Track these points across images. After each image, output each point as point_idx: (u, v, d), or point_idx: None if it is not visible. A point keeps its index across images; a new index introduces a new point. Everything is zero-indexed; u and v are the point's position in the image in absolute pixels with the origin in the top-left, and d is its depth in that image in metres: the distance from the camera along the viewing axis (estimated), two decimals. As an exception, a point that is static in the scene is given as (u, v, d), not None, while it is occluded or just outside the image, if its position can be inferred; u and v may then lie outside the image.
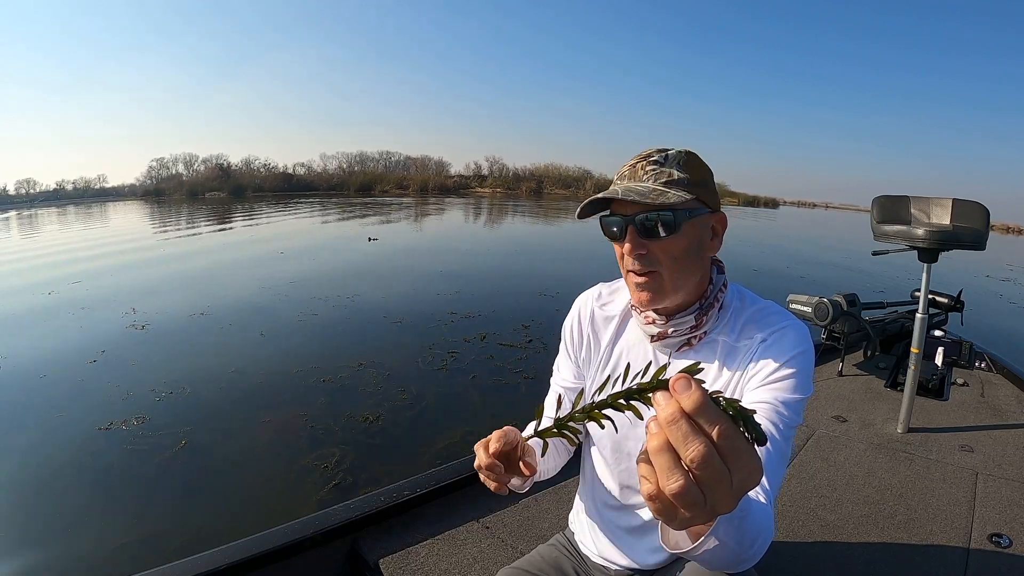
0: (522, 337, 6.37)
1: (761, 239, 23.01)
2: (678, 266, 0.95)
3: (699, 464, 0.42)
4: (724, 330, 1.01)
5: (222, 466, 3.67)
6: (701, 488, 0.43)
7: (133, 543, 2.90)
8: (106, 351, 5.85)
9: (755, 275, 11.66)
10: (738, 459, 0.43)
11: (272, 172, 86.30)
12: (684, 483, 0.43)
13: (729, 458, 0.43)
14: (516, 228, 25.44)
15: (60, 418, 4.31)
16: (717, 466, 0.43)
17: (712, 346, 1.01)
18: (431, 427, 4.11)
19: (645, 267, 0.95)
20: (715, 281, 1.02)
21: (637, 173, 0.95)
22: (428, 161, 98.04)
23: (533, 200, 62.38)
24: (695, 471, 0.43)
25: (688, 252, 0.95)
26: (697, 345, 1.02)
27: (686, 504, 0.44)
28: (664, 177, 0.93)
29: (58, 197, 79.98)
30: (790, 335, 0.96)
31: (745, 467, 0.44)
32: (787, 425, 0.89)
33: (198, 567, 1.44)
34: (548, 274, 10.75)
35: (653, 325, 1.02)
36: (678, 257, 0.94)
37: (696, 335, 1.01)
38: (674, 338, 1.02)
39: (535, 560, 1.24)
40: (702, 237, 0.96)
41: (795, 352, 0.94)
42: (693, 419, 0.43)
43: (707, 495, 0.43)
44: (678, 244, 0.94)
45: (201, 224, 26.31)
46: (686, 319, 1.00)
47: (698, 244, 0.96)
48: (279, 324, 6.97)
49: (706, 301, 1.00)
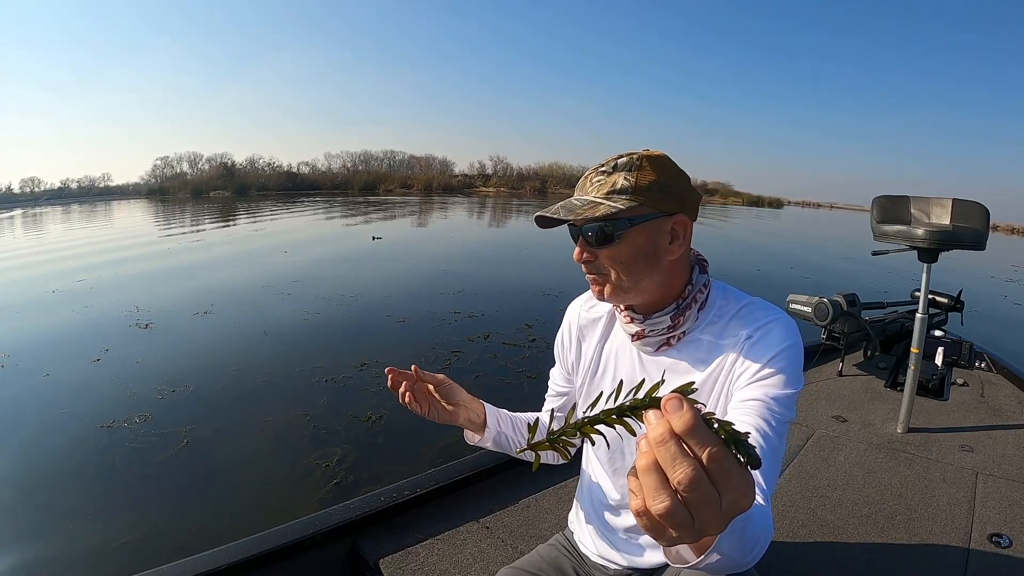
0: (525, 336, 6.36)
1: (770, 236, 22.97)
2: (628, 271, 0.97)
3: (686, 486, 0.42)
4: (708, 329, 1.02)
5: (224, 465, 3.67)
6: (689, 509, 0.43)
7: (135, 541, 2.90)
8: (110, 349, 5.86)
9: (760, 275, 11.64)
10: (728, 482, 0.43)
11: (276, 171, 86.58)
12: (670, 504, 0.43)
13: (719, 481, 0.43)
14: (519, 227, 25.41)
15: (63, 416, 4.32)
16: (705, 488, 0.42)
17: (695, 344, 1.02)
18: (433, 427, 4.02)
19: (592, 272, 1.00)
20: (695, 281, 1.03)
21: (585, 185, 0.99)
22: (432, 160, 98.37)
23: (537, 199, 62.36)
24: (682, 493, 0.42)
25: (636, 257, 0.96)
26: (677, 344, 1.04)
27: (673, 524, 0.43)
28: (607, 187, 0.95)
29: (63, 196, 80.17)
30: (776, 330, 0.96)
31: (735, 490, 0.43)
32: (779, 421, 0.89)
33: (198, 567, 1.44)
34: (551, 273, 10.73)
35: (632, 324, 1.05)
36: (625, 262, 0.96)
37: (675, 335, 1.02)
38: (652, 337, 1.03)
39: (535, 560, 1.25)
40: (655, 241, 0.96)
41: (783, 346, 0.94)
42: (683, 440, 0.43)
43: (695, 516, 0.43)
44: (622, 251, 0.95)
45: (205, 223, 26.36)
46: (662, 319, 1.01)
47: (650, 248, 0.96)
48: (282, 323, 6.98)
49: (684, 301, 1.01)
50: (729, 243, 19.48)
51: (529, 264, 12.42)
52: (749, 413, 0.89)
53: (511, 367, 5.26)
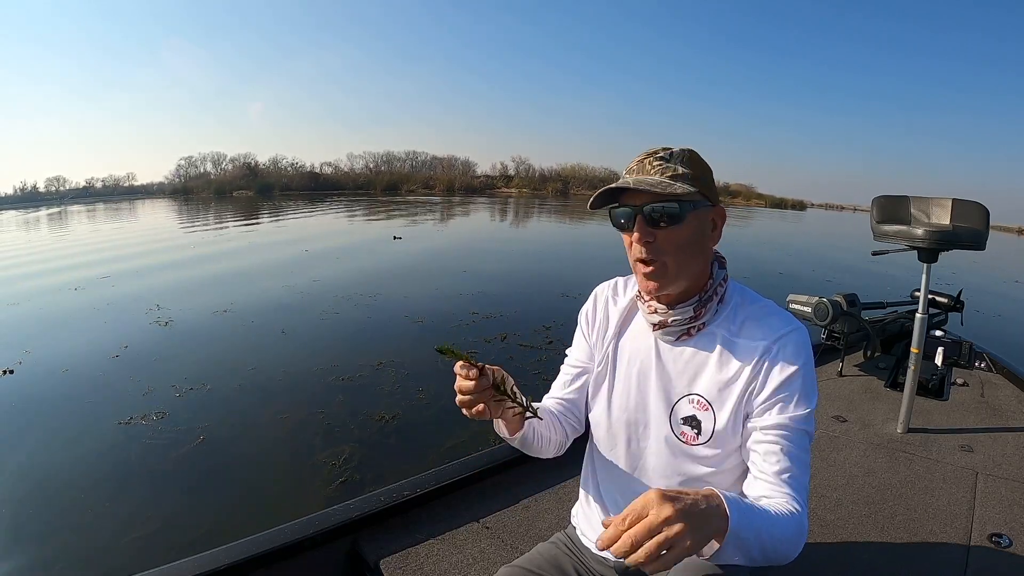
0: (542, 338, 6.34)
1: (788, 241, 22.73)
2: (682, 254, 1.00)
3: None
4: (724, 324, 1.07)
5: (238, 462, 3.71)
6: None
7: (149, 536, 2.93)
8: (129, 346, 5.95)
9: (781, 278, 11.50)
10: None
11: (299, 171, 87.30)
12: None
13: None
14: (540, 228, 25.44)
15: (81, 412, 4.39)
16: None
17: (711, 338, 1.06)
18: (447, 427, 4.09)
19: (651, 255, 1.01)
20: (715, 275, 1.08)
21: (645, 168, 1.01)
22: (454, 161, 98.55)
23: (559, 200, 62.36)
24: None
25: (691, 241, 1.00)
26: (696, 335, 1.08)
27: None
28: (670, 172, 0.99)
29: (88, 195, 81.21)
30: (793, 344, 1.01)
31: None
32: (803, 440, 0.99)
33: (198, 567, 1.44)
34: (571, 275, 10.73)
35: (656, 314, 1.08)
36: (682, 246, 1.00)
37: (695, 325, 1.06)
38: (674, 327, 1.07)
39: (534, 558, 1.25)
40: (704, 228, 1.02)
41: (799, 363, 1.00)
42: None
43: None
44: (682, 233, 0.99)
45: (228, 222, 26.71)
46: (686, 309, 1.05)
47: (700, 235, 1.02)
48: (301, 322, 7.03)
49: (705, 294, 1.06)
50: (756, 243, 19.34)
51: (549, 265, 12.44)
52: (777, 440, 0.98)
53: (528, 369, 5.26)
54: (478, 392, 0.98)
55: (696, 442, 1.05)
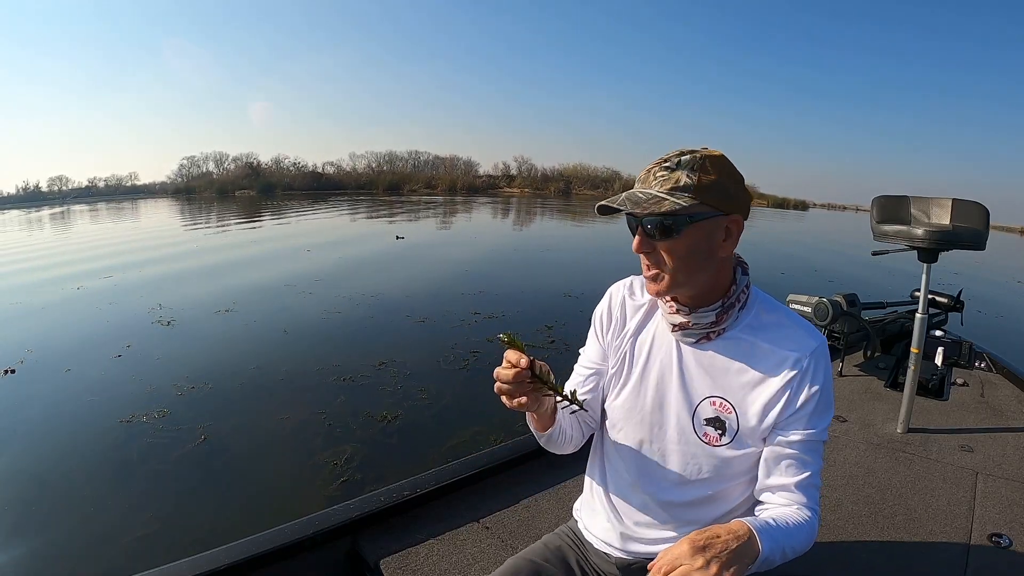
0: (545, 338, 6.32)
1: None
2: (683, 265, 1.00)
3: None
4: (746, 329, 1.07)
5: (239, 461, 3.71)
6: None
7: (151, 535, 2.94)
8: (132, 345, 5.96)
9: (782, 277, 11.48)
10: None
11: (301, 171, 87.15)
12: None
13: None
14: (543, 228, 25.42)
15: (83, 411, 4.40)
16: None
17: (734, 342, 1.07)
18: (449, 426, 4.10)
19: (651, 264, 1.03)
20: (739, 282, 1.07)
21: (648, 179, 1.01)
22: (457, 161, 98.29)
23: (561, 200, 62.30)
24: None
25: (692, 253, 0.99)
26: (716, 339, 1.08)
27: None
28: (671, 183, 0.98)
29: (90, 194, 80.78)
30: (824, 356, 1.04)
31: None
32: (819, 448, 1.04)
33: (198, 567, 1.44)
34: (574, 275, 10.73)
35: (676, 315, 1.08)
36: (682, 257, 1.00)
37: (715, 330, 1.07)
38: (695, 330, 1.07)
39: (539, 549, 1.27)
40: (711, 239, 1.00)
41: (825, 380, 1.03)
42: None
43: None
44: (679, 246, 0.99)
45: (230, 221, 26.73)
46: (707, 314, 1.05)
47: (705, 245, 1.00)
48: (302, 322, 7.04)
49: (728, 300, 1.06)
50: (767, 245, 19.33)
51: (551, 265, 12.44)
52: (800, 452, 1.02)
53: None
54: (518, 382, 0.97)
55: (719, 443, 1.06)
